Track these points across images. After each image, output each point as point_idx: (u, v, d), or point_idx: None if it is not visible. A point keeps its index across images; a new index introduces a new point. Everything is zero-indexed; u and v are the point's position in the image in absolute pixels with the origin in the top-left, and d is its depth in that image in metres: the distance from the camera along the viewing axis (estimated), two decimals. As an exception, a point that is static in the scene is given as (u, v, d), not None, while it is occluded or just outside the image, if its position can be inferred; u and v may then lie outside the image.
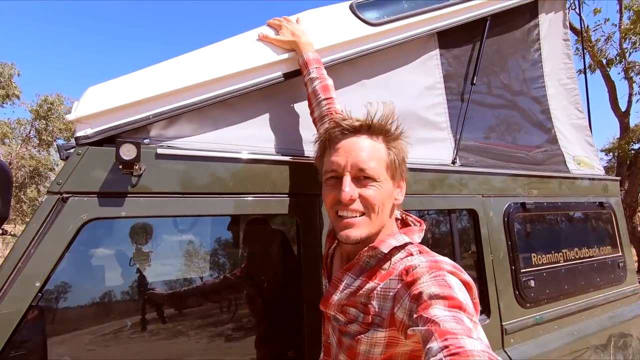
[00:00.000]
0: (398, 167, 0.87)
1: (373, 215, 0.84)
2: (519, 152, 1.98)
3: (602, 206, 2.21)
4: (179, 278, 1.13)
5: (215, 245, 1.21)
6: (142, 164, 0.98)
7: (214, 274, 1.20)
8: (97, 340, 0.97)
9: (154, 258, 1.06)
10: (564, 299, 1.87)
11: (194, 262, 1.16)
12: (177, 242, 1.12)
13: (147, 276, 1.05)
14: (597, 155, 2.44)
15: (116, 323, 1.00)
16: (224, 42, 1.19)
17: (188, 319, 1.10)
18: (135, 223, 1.04)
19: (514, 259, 1.73)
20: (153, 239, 1.06)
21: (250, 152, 1.18)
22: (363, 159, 0.83)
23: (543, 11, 2.26)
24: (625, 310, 2.17)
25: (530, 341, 1.71)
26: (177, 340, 1.06)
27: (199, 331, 1.10)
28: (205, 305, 1.15)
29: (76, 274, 0.96)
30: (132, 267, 1.03)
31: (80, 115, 0.94)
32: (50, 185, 0.91)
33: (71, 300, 0.95)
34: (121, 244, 1.02)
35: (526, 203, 1.81)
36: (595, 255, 2.10)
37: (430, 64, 1.71)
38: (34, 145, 14.56)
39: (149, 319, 1.03)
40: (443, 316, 0.61)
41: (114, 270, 1.02)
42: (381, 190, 0.84)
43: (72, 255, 0.91)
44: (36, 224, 0.87)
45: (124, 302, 1.03)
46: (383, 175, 0.85)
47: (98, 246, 1.00)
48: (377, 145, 0.85)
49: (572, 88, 2.38)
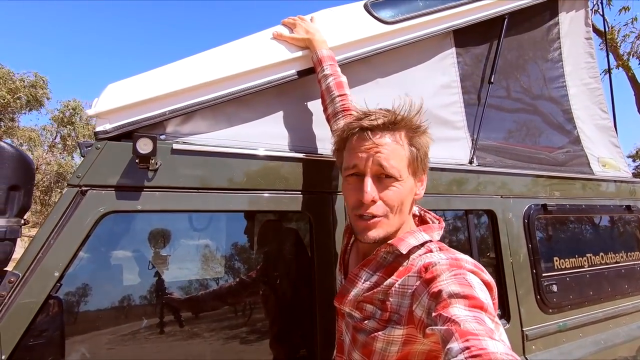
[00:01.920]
0: (420, 162, 0.85)
1: (391, 215, 0.82)
2: (540, 152, 1.92)
3: (630, 210, 2.11)
4: (194, 278, 1.14)
5: (230, 244, 1.22)
6: (158, 158, 1.00)
7: (229, 273, 1.20)
8: (115, 337, 0.98)
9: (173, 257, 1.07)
10: (588, 305, 1.79)
11: (210, 262, 1.16)
12: (192, 241, 1.13)
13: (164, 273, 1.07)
14: (623, 156, 2.34)
15: (134, 318, 1.01)
16: (239, 41, 1.21)
17: (204, 319, 1.10)
18: (153, 228, 1.05)
19: (535, 263, 1.67)
20: (171, 241, 1.08)
21: (265, 149, 1.18)
22: (384, 157, 0.80)
23: (563, 9, 2.20)
24: (656, 319, 2.06)
25: (553, 349, 1.64)
26: (192, 340, 1.06)
27: (215, 330, 1.10)
28: (222, 304, 1.15)
29: (94, 267, 0.98)
30: (150, 270, 1.04)
31: (99, 110, 0.96)
32: (70, 178, 0.93)
33: (90, 292, 0.96)
34: (138, 239, 1.04)
35: (547, 205, 1.75)
36: (623, 260, 2.01)
37: (446, 63, 1.69)
38: (60, 151, 15.13)
39: (166, 315, 1.04)
40: (464, 316, 0.59)
41: (131, 266, 1.03)
42: (402, 189, 0.81)
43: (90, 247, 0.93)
44: (56, 215, 0.90)
45: (144, 296, 1.04)
46: (405, 173, 0.82)
47: (117, 240, 1.02)
48: (399, 142, 0.82)
49: (596, 88, 2.30)
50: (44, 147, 14.87)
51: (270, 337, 1.16)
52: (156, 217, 1.04)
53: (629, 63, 7.99)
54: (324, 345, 1.13)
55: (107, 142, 0.97)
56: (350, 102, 1.16)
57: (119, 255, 1.01)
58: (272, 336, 1.16)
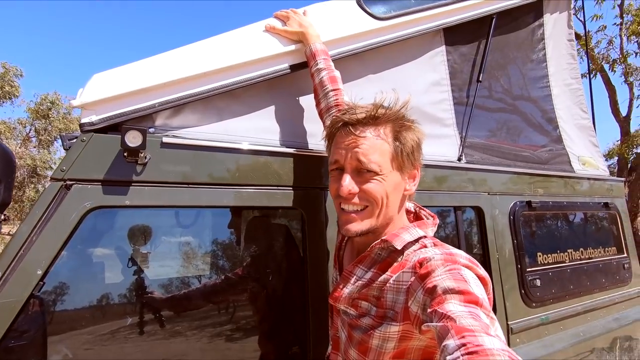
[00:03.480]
0: (407, 157, 0.83)
1: (376, 209, 0.82)
2: (524, 150, 1.97)
3: (607, 207, 2.19)
4: (184, 275, 1.11)
5: (221, 240, 1.20)
6: (147, 152, 0.96)
7: (220, 270, 1.18)
8: (101, 339, 0.94)
9: (157, 254, 1.04)
10: (569, 299, 1.85)
11: (200, 258, 1.14)
12: (179, 238, 1.11)
13: (150, 270, 1.03)
14: (601, 155, 2.42)
15: (121, 318, 0.98)
16: (231, 33, 1.18)
17: (197, 316, 1.08)
18: (134, 224, 1.02)
19: (520, 258, 1.71)
20: (161, 238, 1.05)
21: (256, 144, 1.16)
22: (363, 152, 0.80)
23: (548, 11, 2.26)
24: (631, 312, 2.15)
25: (536, 341, 1.69)
26: (187, 338, 1.04)
27: (208, 327, 1.08)
28: (215, 301, 1.13)
29: (79, 265, 0.94)
30: (137, 268, 1.01)
31: (85, 101, 0.92)
32: (53, 172, 0.89)
33: (74, 291, 0.93)
34: (126, 235, 1.00)
35: (532, 202, 1.80)
36: (600, 256, 2.08)
37: (436, 60, 1.70)
38: (34, 145, 14.55)
39: (157, 314, 1.01)
40: (459, 312, 0.59)
41: (118, 264, 1.00)
42: (383, 183, 0.81)
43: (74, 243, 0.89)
44: (39, 210, 0.86)
45: (131, 295, 1.01)
46: (387, 168, 0.81)
47: (104, 236, 0.98)
48: (382, 136, 0.82)
49: (577, 88, 2.37)
50: (17, 140, 14.26)
51: (263, 334, 1.14)
52: (145, 212, 1.00)
53: (603, 66, 8.30)
54: (317, 341, 1.13)
55: (93, 134, 0.93)
56: (343, 98, 1.15)
57: (105, 252, 0.97)
58: (264, 333, 1.15)
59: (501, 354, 0.51)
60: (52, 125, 14.13)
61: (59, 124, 14.06)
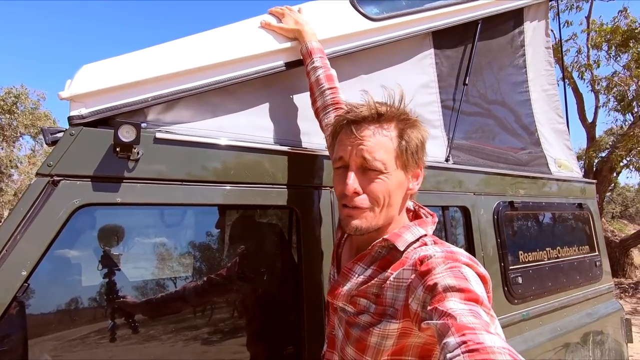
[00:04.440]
0: (412, 156, 0.82)
1: (378, 208, 0.81)
2: (507, 152, 2.04)
3: (581, 207, 2.30)
4: (175, 276, 1.07)
5: (215, 238, 1.17)
6: (140, 148, 0.93)
7: (213, 269, 1.15)
8: (89, 344, 0.90)
9: (148, 254, 1.00)
10: (547, 295, 1.93)
11: (190, 257, 1.11)
12: (170, 236, 1.07)
13: (142, 271, 1.00)
14: (575, 158, 2.55)
15: (107, 321, 0.93)
16: (225, 28, 1.16)
17: (193, 316, 1.05)
18: (126, 223, 0.98)
19: (503, 256, 1.77)
20: (145, 237, 1.01)
21: (251, 141, 1.15)
22: (368, 149, 0.79)
23: (528, 19, 2.35)
24: (602, 307, 2.26)
25: (517, 337, 1.75)
26: (175, 338, 1.00)
27: (201, 328, 1.05)
28: (206, 301, 1.09)
29: (67, 265, 0.89)
30: (130, 268, 0.97)
31: (74, 93, 0.88)
32: (40, 167, 0.84)
33: (62, 293, 0.88)
34: (118, 234, 0.96)
35: (514, 202, 1.86)
36: (575, 254, 2.18)
37: (425, 63, 1.73)
38: (-3, 141, 13.74)
39: (146, 316, 0.97)
40: (459, 310, 0.59)
41: (107, 262, 0.95)
42: (387, 182, 0.81)
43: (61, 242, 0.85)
44: (23, 207, 0.81)
45: (121, 297, 0.97)
46: (391, 166, 0.81)
47: (94, 235, 0.93)
48: (386, 134, 0.81)
49: (553, 94, 2.48)
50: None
51: (256, 334, 1.13)
52: (137, 210, 0.96)
53: (572, 74, 8.73)
54: (312, 340, 1.12)
55: (82, 128, 0.88)
56: (340, 96, 1.15)
57: (95, 252, 0.93)
58: (258, 332, 1.13)
59: (502, 352, 0.51)
60: (18, 120, 13.38)
61: (24, 119, 13.33)
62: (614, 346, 2.26)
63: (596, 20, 8.53)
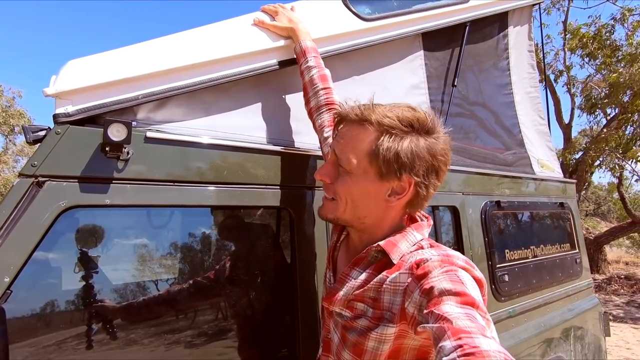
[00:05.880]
0: (387, 164, 0.76)
1: (341, 204, 0.83)
2: (493, 153, 2.08)
3: (563, 206, 2.37)
4: (169, 278, 1.04)
5: (208, 240, 1.14)
6: (130, 147, 0.89)
7: (206, 271, 1.12)
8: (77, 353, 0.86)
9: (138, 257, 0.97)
10: (532, 292, 1.98)
11: (184, 259, 1.07)
12: (160, 239, 1.03)
13: (133, 274, 0.96)
14: (556, 159, 2.62)
15: (95, 327, 0.89)
16: (219, 25, 1.13)
17: (191, 317, 1.01)
18: (115, 226, 0.94)
19: (491, 255, 1.80)
20: (136, 240, 0.97)
21: (245, 141, 1.12)
22: (341, 147, 0.81)
23: (512, 22, 2.40)
24: (582, 303, 2.34)
25: (504, 333, 1.78)
26: (171, 340, 0.97)
27: (198, 329, 1.02)
28: (202, 302, 1.07)
29: (53, 270, 0.85)
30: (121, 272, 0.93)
31: (60, 89, 0.83)
32: (23, 167, 0.80)
33: (47, 300, 0.83)
34: (107, 237, 0.92)
35: (501, 201, 1.90)
36: (558, 251, 2.25)
37: (415, 64, 1.75)
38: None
39: (139, 319, 0.94)
40: (455, 313, 0.59)
41: (94, 266, 0.91)
42: (350, 182, 0.80)
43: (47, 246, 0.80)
44: (5, 210, 0.76)
45: (111, 302, 0.93)
46: (360, 169, 0.79)
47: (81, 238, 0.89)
48: (363, 137, 0.78)
49: (536, 96, 2.55)
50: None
51: (250, 337, 1.10)
52: (127, 212, 0.93)
53: (549, 76, 9.01)
54: (306, 343, 1.11)
55: (69, 127, 0.84)
56: (334, 96, 1.14)
57: (82, 256, 0.88)
58: (252, 336, 1.11)
59: (497, 356, 0.51)
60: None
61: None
62: (593, 340, 2.34)
63: (572, 23, 8.83)
